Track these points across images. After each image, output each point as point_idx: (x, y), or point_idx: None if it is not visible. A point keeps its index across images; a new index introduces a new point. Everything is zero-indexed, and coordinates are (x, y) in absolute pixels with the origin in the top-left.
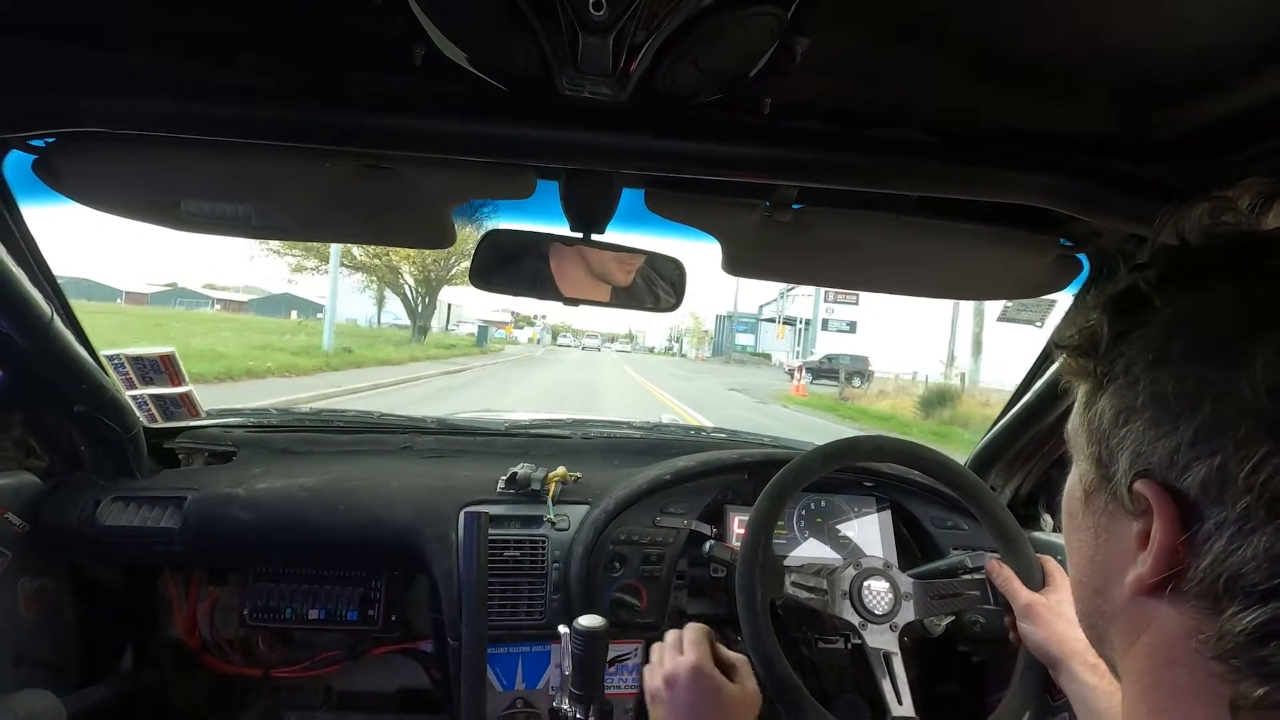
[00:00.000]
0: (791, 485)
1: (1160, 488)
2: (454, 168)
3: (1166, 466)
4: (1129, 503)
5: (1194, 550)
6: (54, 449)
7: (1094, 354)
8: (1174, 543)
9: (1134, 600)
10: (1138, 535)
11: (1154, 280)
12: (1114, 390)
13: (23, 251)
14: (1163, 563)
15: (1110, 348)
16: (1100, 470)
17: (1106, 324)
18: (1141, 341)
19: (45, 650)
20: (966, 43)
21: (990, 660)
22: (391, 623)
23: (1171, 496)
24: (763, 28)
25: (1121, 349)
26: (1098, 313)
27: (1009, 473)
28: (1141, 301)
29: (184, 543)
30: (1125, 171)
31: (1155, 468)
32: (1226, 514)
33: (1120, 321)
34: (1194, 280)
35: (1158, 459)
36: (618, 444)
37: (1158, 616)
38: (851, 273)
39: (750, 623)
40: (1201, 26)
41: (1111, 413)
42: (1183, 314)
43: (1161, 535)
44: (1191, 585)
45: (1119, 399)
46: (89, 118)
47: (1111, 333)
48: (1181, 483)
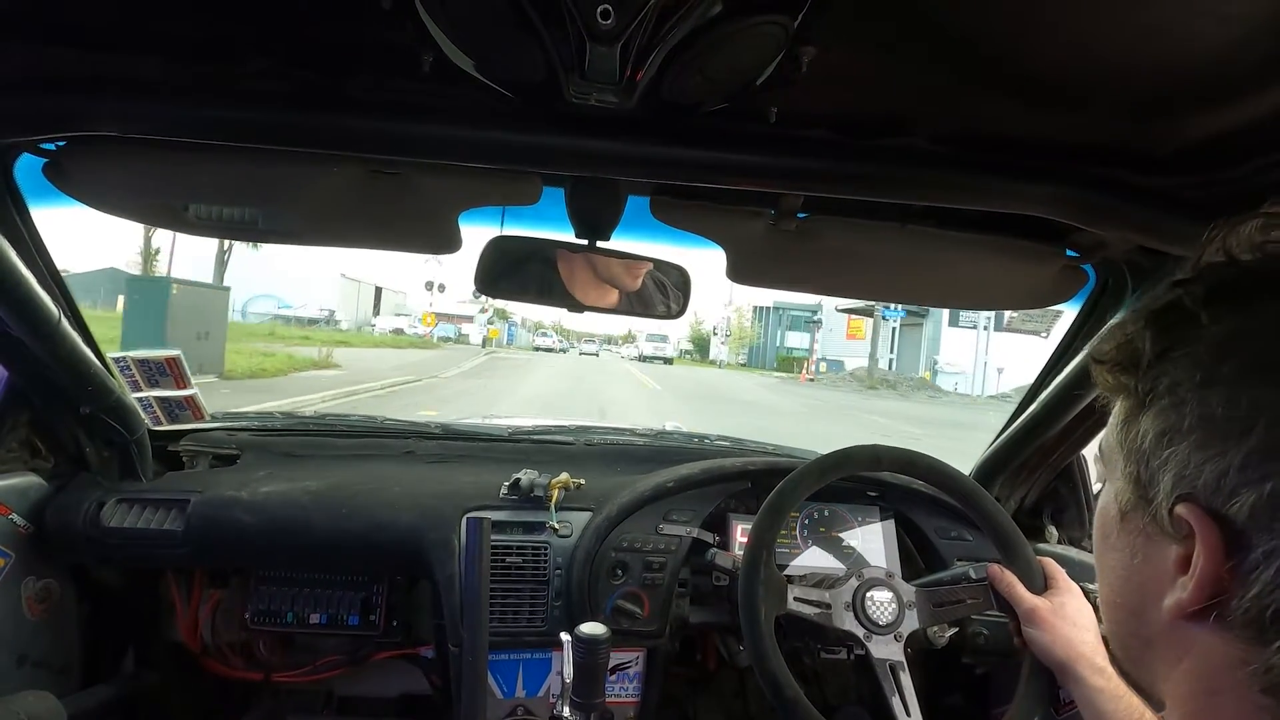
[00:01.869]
0: (790, 499)
1: (1205, 513)
2: (460, 174)
3: (1212, 491)
4: (1170, 526)
5: (1240, 579)
6: (59, 450)
7: (1135, 370)
8: (1218, 570)
9: (1174, 625)
10: (1177, 559)
11: (1201, 296)
12: (1158, 410)
13: (32, 254)
14: (1206, 590)
15: (1154, 364)
16: (1139, 491)
17: (1149, 340)
18: (1188, 360)
19: (48, 651)
20: (972, 52)
21: (994, 671)
22: (393, 628)
23: (1217, 522)
24: (769, 37)
25: (1165, 367)
26: (1138, 327)
27: (1013, 484)
28: (1187, 318)
29: (187, 545)
30: (1132, 182)
31: (1200, 492)
32: (1277, 543)
33: (1164, 338)
34: (1245, 298)
35: (1203, 483)
36: (621, 451)
37: (1200, 642)
38: (857, 282)
39: (754, 643)
40: (1209, 37)
41: (1155, 433)
42: (1234, 333)
43: (1205, 562)
44: (1236, 614)
45: (1163, 419)
46: (99, 122)
47: (1155, 349)
48: (1228, 509)
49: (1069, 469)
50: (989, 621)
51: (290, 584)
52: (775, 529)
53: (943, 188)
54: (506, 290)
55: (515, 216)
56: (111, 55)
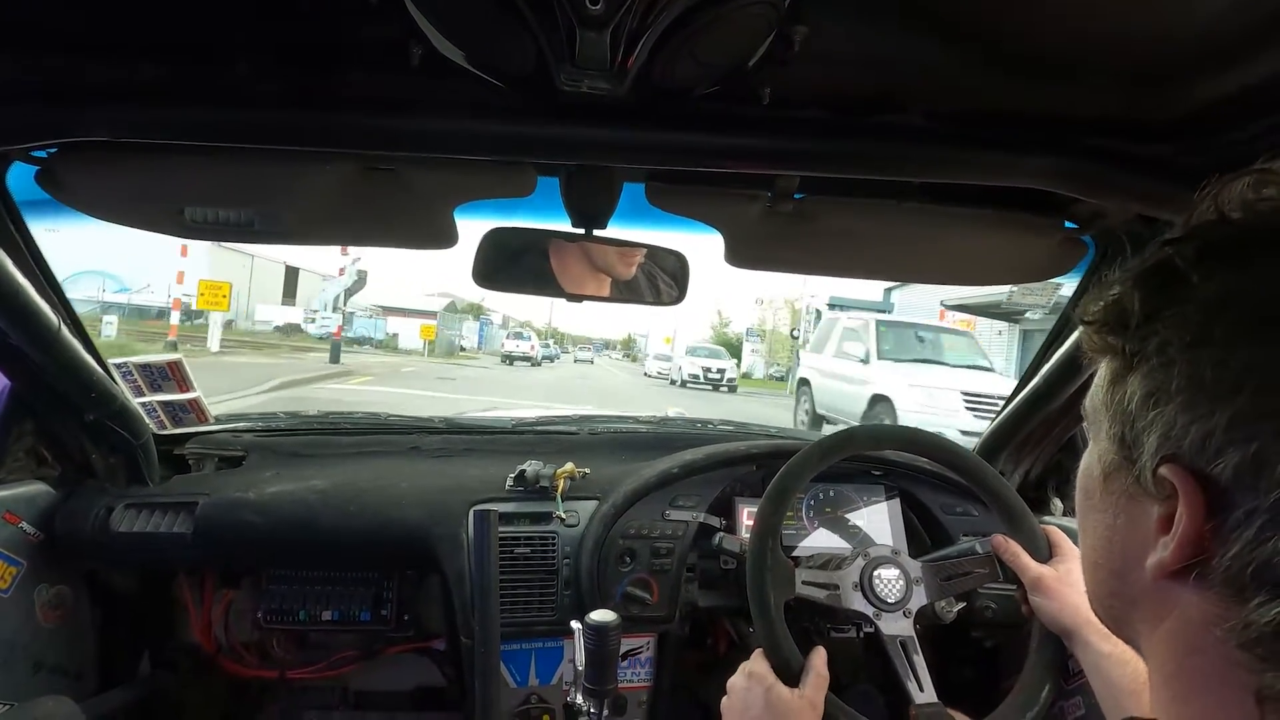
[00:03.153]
0: (793, 483)
1: (1188, 473)
2: (454, 167)
3: (1197, 451)
4: (1153, 486)
5: (1221, 538)
6: (65, 458)
7: (1123, 331)
8: (1200, 530)
9: (1156, 585)
10: (1159, 519)
11: (1191, 256)
12: (1146, 371)
13: (28, 262)
14: (1187, 549)
15: (1142, 325)
16: (1123, 451)
17: (1138, 300)
18: (1178, 320)
19: (63, 657)
20: (965, 26)
21: (1003, 644)
22: (404, 622)
23: (1200, 482)
24: (760, 17)
25: (1155, 327)
26: (1126, 287)
27: (1018, 457)
28: (1176, 277)
29: (197, 547)
30: (1130, 151)
31: (1185, 452)
32: (1259, 503)
33: (1153, 298)
34: (1237, 257)
35: (1189, 443)
36: (625, 439)
37: (1181, 602)
38: (856, 261)
39: (765, 629)
40: (1201, 5)
41: (1142, 393)
42: (1224, 293)
43: (1187, 521)
44: (1217, 573)
45: (1150, 380)
46: (90, 128)
47: (1143, 310)
48: (1212, 469)
49: (1072, 440)
50: (996, 595)
51: (301, 582)
52: (780, 514)
53: (939, 163)
54: (504, 282)
55: (511, 208)
56: (100, 61)
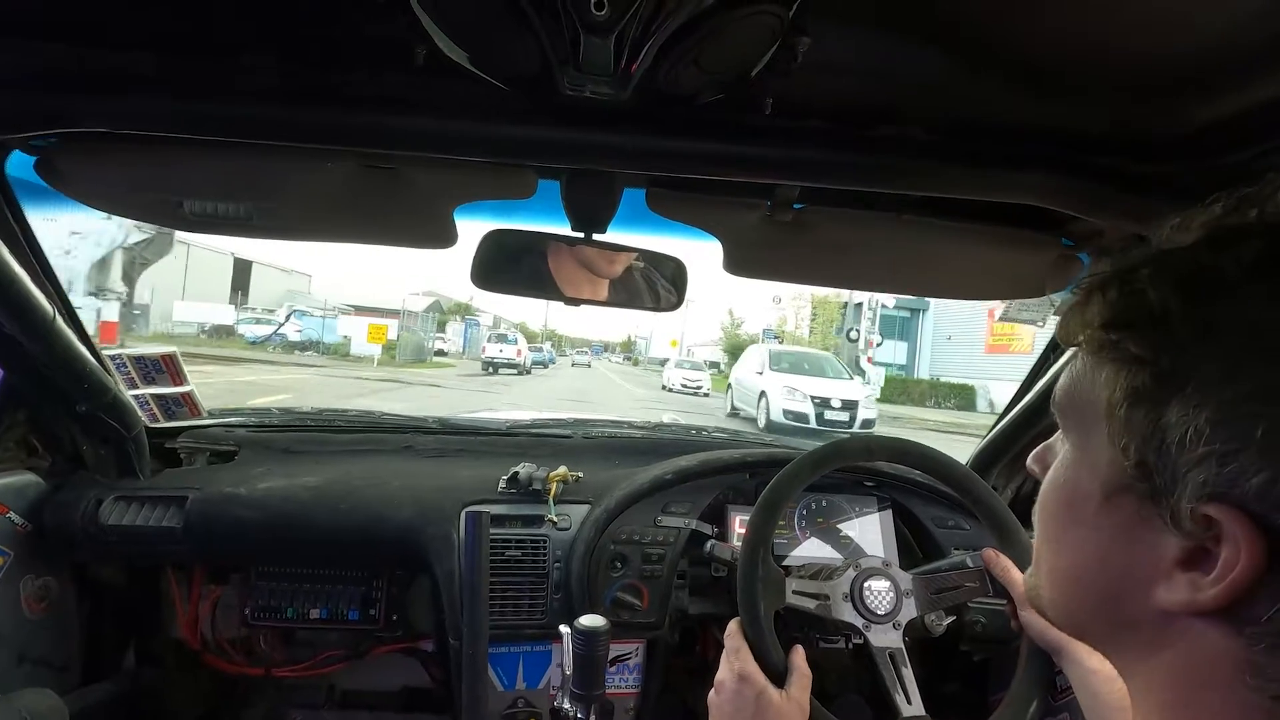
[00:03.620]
0: (784, 494)
1: (1251, 520)
2: (455, 168)
3: (1259, 498)
4: (1187, 522)
5: (1274, 588)
6: (56, 449)
7: (1157, 344)
8: (1258, 577)
9: (1163, 615)
10: (1182, 553)
11: (1251, 264)
12: (1207, 403)
13: (25, 252)
14: (1237, 594)
15: (1192, 343)
16: (1144, 476)
17: (1179, 308)
18: (1247, 344)
19: (48, 649)
20: (967, 41)
21: (992, 659)
22: (393, 622)
23: (1262, 530)
24: (764, 27)
25: (1208, 349)
26: (1157, 291)
27: (1010, 473)
28: (1228, 288)
29: (186, 542)
30: (1129, 170)
31: (1245, 496)
32: None
33: (1202, 309)
34: None
35: (1254, 487)
36: (619, 443)
37: (1193, 637)
38: (853, 272)
39: (756, 640)
40: (1206, 23)
41: (1191, 426)
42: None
43: (1243, 567)
44: (1264, 623)
45: (1213, 414)
46: (91, 118)
47: (1190, 322)
48: (1277, 517)
49: None
50: (986, 609)
51: (290, 579)
52: (771, 525)
53: (938, 178)
54: (502, 284)
55: (511, 210)
56: (103, 51)
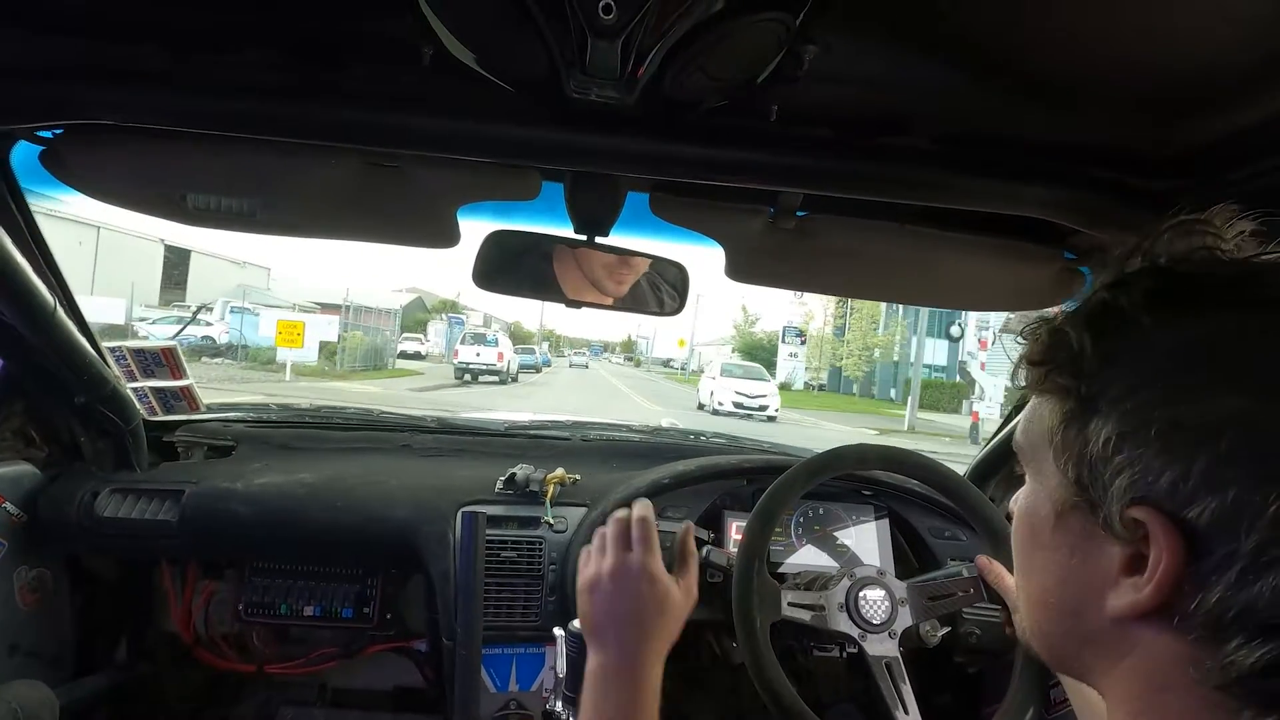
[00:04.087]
0: (779, 503)
1: (1165, 517)
2: (459, 167)
3: (1170, 495)
4: (1120, 528)
5: (1198, 582)
6: (54, 440)
7: (1076, 374)
8: (1179, 573)
9: (1115, 623)
10: (1123, 560)
11: (1139, 300)
12: (1111, 415)
13: (28, 242)
14: (1165, 591)
15: (1099, 369)
16: (1083, 493)
17: (1089, 342)
18: (1145, 365)
19: (40, 641)
20: (974, 54)
21: (986, 671)
22: (387, 621)
23: (1177, 527)
24: (771, 35)
25: (1114, 372)
26: (1074, 329)
27: (1008, 485)
28: (1126, 321)
29: (181, 536)
30: (1131, 185)
31: (1159, 496)
32: (1237, 547)
33: (1106, 341)
34: (1192, 306)
35: (1162, 487)
36: (617, 447)
37: (1144, 641)
38: (855, 281)
39: (751, 652)
40: (1209, 41)
41: (1106, 437)
42: (1189, 340)
43: (1166, 565)
44: (1193, 616)
45: (1118, 424)
46: (97, 110)
47: (1097, 352)
48: (1188, 513)
49: None
50: (981, 621)
51: (284, 576)
52: (767, 535)
53: (942, 188)
54: (503, 285)
55: (514, 211)
56: (110, 43)
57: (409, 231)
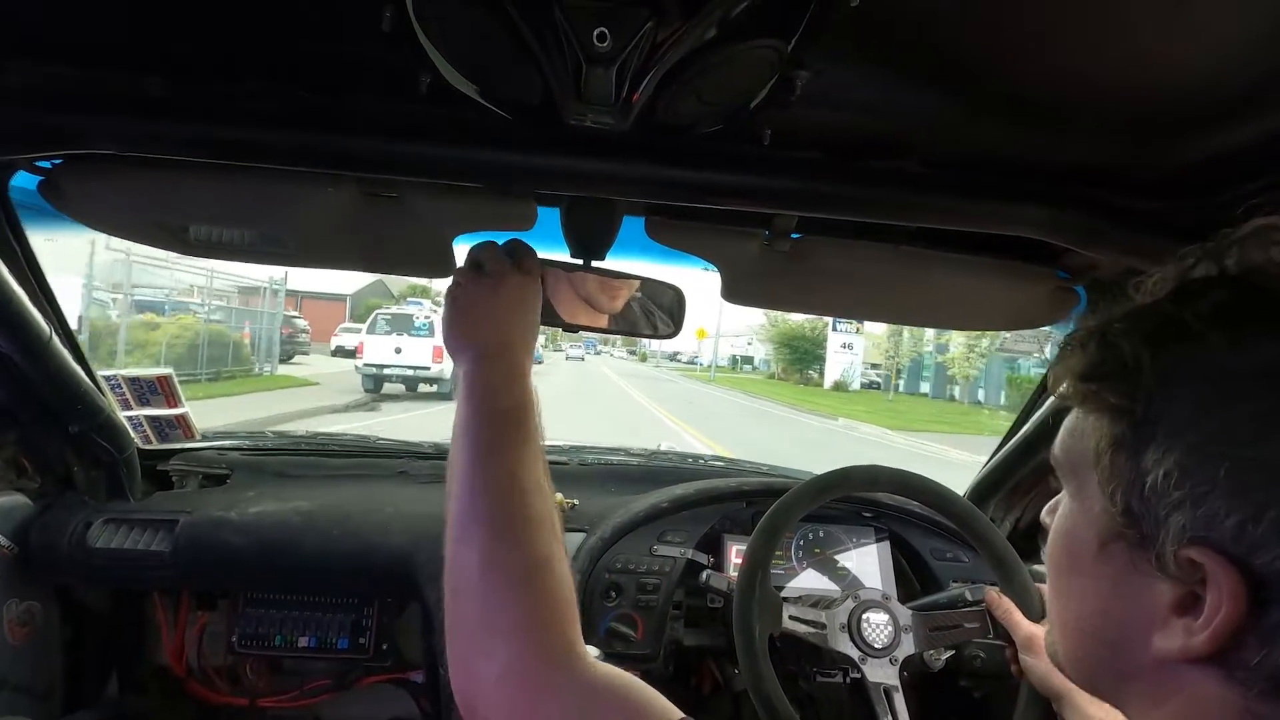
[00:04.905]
0: (786, 518)
1: (1229, 561)
2: (457, 197)
3: (1235, 539)
4: (1174, 567)
5: (1259, 631)
6: (46, 470)
7: (1131, 392)
8: (1241, 621)
9: (1165, 664)
10: (1175, 599)
11: (1207, 314)
12: (1176, 445)
13: (24, 271)
14: (1223, 639)
15: (1159, 389)
16: (1132, 523)
17: (1148, 358)
18: (1208, 388)
19: (29, 676)
20: (965, 76)
21: (991, 696)
22: (383, 651)
23: (1242, 573)
24: (763, 61)
25: (1175, 393)
26: (1132, 342)
27: (1008, 505)
28: (1192, 338)
29: (174, 566)
30: (1125, 205)
31: (1223, 538)
32: None
33: (1167, 358)
34: (1270, 324)
35: (1229, 529)
36: (615, 471)
37: (1193, 685)
38: (851, 302)
39: (749, 663)
40: (1202, 61)
41: (1165, 470)
42: (1271, 364)
43: (1227, 611)
44: (1259, 668)
45: (1182, 456)
46: (97, 140)
47: (1156, 369)
48: (1255, 559)
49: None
50: (986, 645)
51: (279, 606)
52: (771, 548)
53: (935, 210)
54: None
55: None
56: (109, 73)
57: (406, 261)
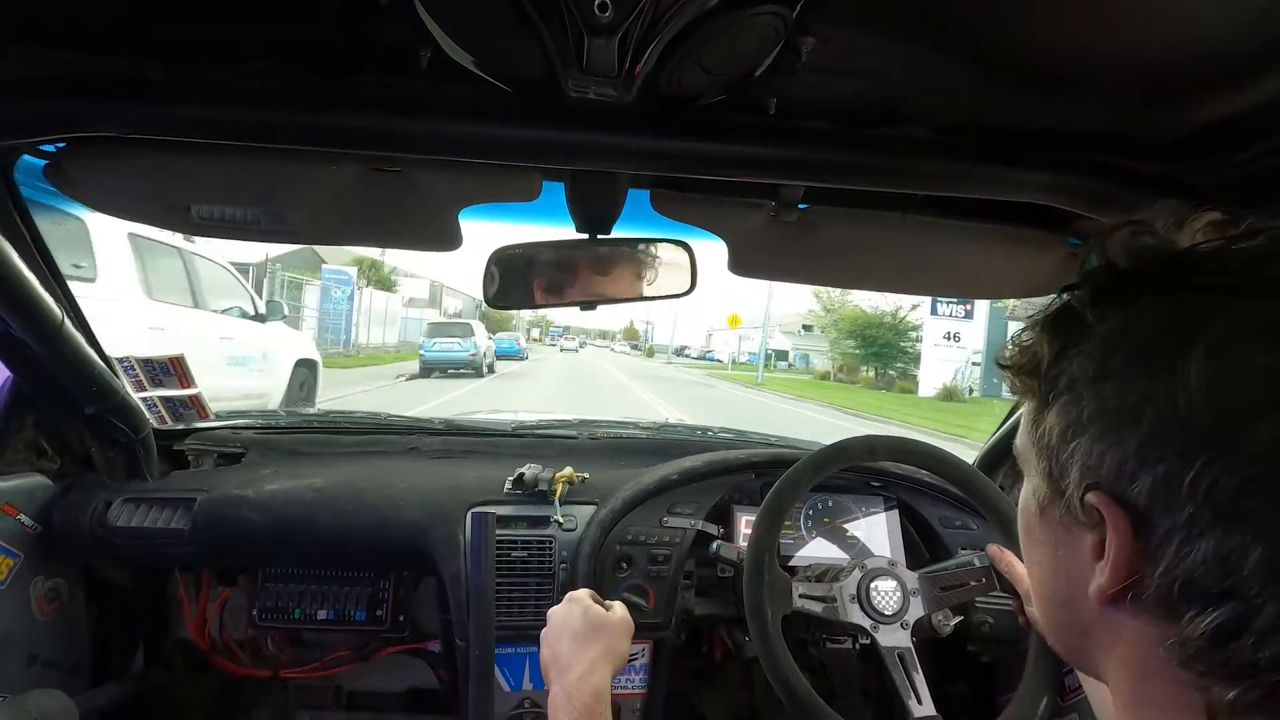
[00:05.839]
0: (788, 498)
1: (1111, 498)
2: (460, 170)
3: (1115, 478)
4: (1082, 515)
5: (1148, 558)
6: (65, 451)
7: (1036, 373)
8: (1130, 551)
9: (1101, 612)
10: (1092, 546)
11: (1087, 299)
12: (1060, 406)
13: (34, 256)
14: (1121, 572)
15: (1052, 365)
16: (1052, 485)
17: (1046, 343)
18: (1081, 358)
19: (57, 651)
20: (972, 41)
21: (999, 660)
22: (400, 623)
23: (1122, 506)
24: (768, 28)
25: (1063, 366)
26: (1035, 332)
27: (1016, 473)
28: (1076, 320)
29: (194, 544)
30: (1135, 169)
31: (1104, 479)
32: (1174, 520)
33: (1058, 340)
34: (1125, 297)
35: (1106, 471)
36: (624, 444)
37: (1126, 627)
38: (858, 272)
39: (764, 647)
40: (1211, 22)
41: (1059, 428)
42: (1118, 330)
43: (1117, 545)
44: (1149, 593)
45: (1065, 415)
46: (100, 123)
47: (1051, 351)
48: (1130, 493)
49: None
50: (994, 609)
51: (297, 580)
52: (776, 530)
53: (943, 177)
54: (518, 300)
55: (515, 212)
56: (111, 56)
57: (411, 235)
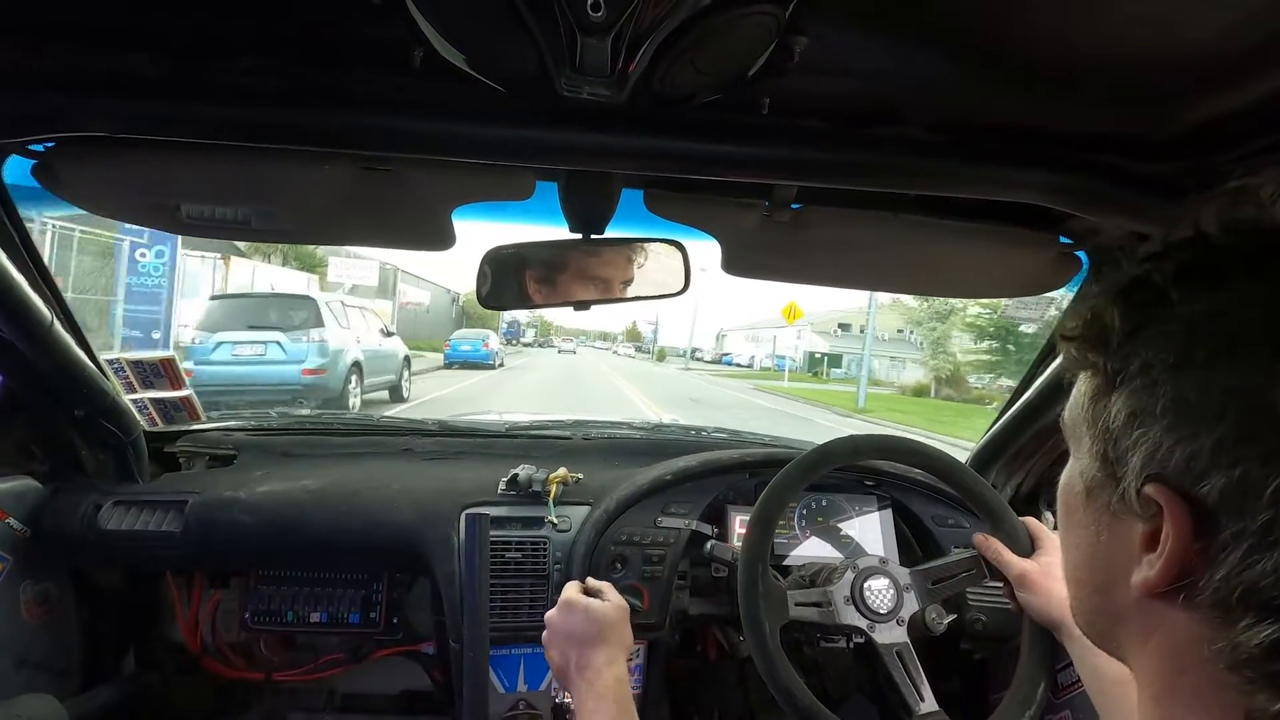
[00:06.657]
0: (776, 505)
1: (1175, 494)
2: (453, 169)
3: (1182, 472)
4: (1137, 505)
5: (1208, 559)
6: (55, 453)
7: (1104, 348)
8: (1187, 550)
9: (1141, 602)
10: (1143, 537)
11: (1170, 273)
12: (1130, 390)
13: (22, 256)
14: (1174, 569)
15: (1123, 343)
16: (1106, 469)
17: (1118, 317)
18: (1160, 340)
19: (47, 654)
20: (965, 40)
21: (993, 657)
22: (393, 625)
23: (1186, 503)
24: (761, 27)
25: (1136, 346)
26: (1105, 303)
27: (1010, 470)
28: (1155, 295)
29: (185, 546)
30: (1126, 168)
31: (1170, 472)
32: (1245, 525)
33: (1133, 315)
34: (1215, 276)
35: (1174, 464)
36: (618, 445)
37: (1167, 621)
38: (852, 272)
39: (763, 658)
40: (1202, 23)
41: (1126, 413)
42: (1206, 313)
43: (1174, 542)
44: (1204, 594)
45: (1135, 399)
46: (89, 122)
47: (1124, 327)
48: (1198, 490)
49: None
50: (986, 607)
51: (290, 583)
52: (768, 538)
53: (936, 176)
54: (512, 300)
55: (508, 211)
56: (100, 53)
57: (404, 234)
